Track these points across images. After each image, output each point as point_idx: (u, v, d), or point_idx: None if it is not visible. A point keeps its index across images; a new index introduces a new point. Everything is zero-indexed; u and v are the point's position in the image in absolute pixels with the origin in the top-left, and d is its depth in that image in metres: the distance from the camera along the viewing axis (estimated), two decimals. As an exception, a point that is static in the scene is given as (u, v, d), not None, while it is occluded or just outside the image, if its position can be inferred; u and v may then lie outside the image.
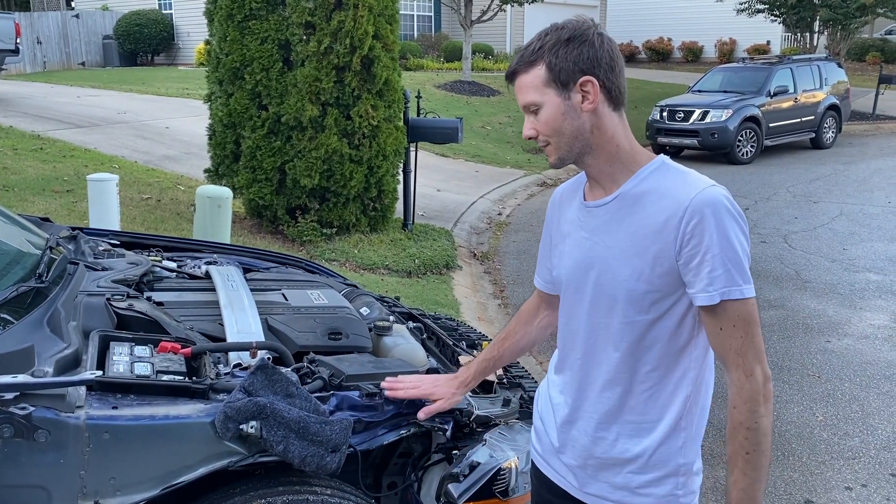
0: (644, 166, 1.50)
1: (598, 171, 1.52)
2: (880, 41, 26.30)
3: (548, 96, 1.47)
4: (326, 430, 1.71)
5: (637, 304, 1.46)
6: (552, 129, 1.48)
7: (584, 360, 1.57)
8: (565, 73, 1.45)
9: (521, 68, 1.49)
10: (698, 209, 1.38)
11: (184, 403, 1.71)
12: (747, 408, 1.39)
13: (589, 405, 1.57)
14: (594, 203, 1.54)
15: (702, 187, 1.41)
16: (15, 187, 7.24)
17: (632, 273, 1.45)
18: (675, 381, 1.49)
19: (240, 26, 6.70)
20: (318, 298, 2.50)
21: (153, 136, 10.88)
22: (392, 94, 6.94)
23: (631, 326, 1.47)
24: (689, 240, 1.39)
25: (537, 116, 1.49)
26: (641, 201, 1.47)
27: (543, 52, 1.46)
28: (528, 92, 1.48)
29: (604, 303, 1.50)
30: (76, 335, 1.87)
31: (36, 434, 1.54)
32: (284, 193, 6.88)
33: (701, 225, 1.38)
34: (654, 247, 1.43)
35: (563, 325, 1.64)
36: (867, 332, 5.35)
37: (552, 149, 1.51)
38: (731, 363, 1.41)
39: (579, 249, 1.56)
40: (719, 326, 1.41)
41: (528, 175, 11.46)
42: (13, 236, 2.46)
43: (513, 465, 1.94)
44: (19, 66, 18.17)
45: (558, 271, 1.63)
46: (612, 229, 1.50)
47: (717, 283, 1.38)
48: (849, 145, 14.38)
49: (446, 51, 21.57)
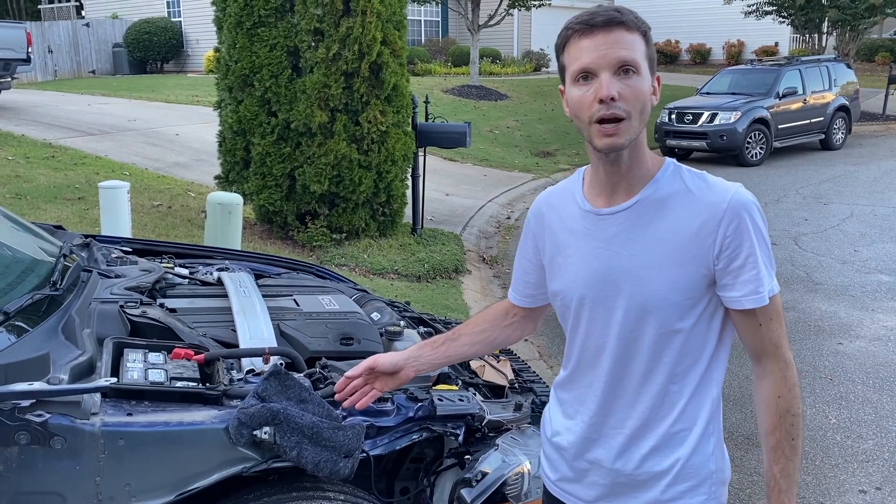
0: (660, 170, 1.43)
1: (627, 171, 1.41)
2: (889, 41, 26.17)
3: (646, 69, 1.35)
4: (339, 436, 1.71)
5: (672, 313, 1.39)
6: (641, 102, 1.34)
7: (611, 376, 1.47)
8: (652, 61, 1.38)
9: (625, 25, 1.34)
10: (737, 212, 1.35)
11: (197, 410, 1.72)
12: (792, 395, 1.40)
13: (615, 422, 1.48)
14: (608, 210, 1.44)
15: (733, 189, 1.38)
16: (27, 195, 7.30)
17: (666, 281, 1.38)
18: (705, 384, 1.45)
19: (249, 33, 6.74)
20: (329, 304, 2.51)
21: (163, 143, 10.94)
22: (400, 99, 6.96)
23: (666, 336, 1.41)
24: (730, 243, 1.35)
25: (629, 80, 1.32)
26: (667, 206, 1.40)
27: (645, 27, 1.37)
28: (633, 50, 1.33)
29: (634, 315, 1.41)
30: (90, 342, 1.89)
31: (52, 441, 1.56)
32: (294, 199, 6.90)
33: (740, 228, 1.34)
34: (689, 252, 1.37)
35: (578, 343, 1.51)
36: (880, 334, 5.32)
37: (626, 126, 1.34)
38: (770, 355, 1.41)
39: (596, 260, 1.45)
40: (759, 323, 1.39)
41: (536, 179, 11.46)
42: (27, 244, 2.48)
43: (525, 469, 1.94)
44: (31, 74, 18.33)
45: (561, 286, 1.52)
46: (635, 237, 1.41)
47: (764, 285, 1.36)
48: (859, 146, 14.31)
49: (454, 55, 21.61)
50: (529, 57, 23.02)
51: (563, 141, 14.45)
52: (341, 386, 1.69)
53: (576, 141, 14.54)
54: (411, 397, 1.96)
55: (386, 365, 1.66)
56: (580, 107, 1.36)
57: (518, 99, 17.34)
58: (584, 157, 13.34)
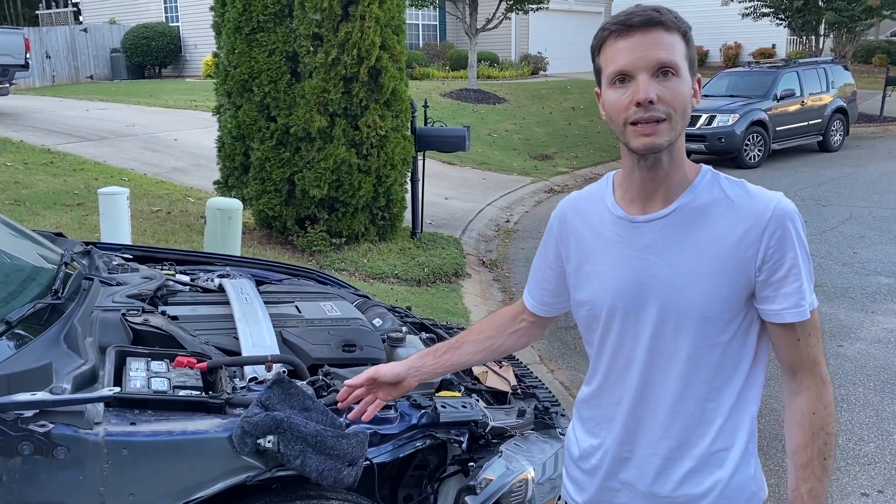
0: (698, 176, 1.38)
1: (665, 176, 1.35)
2: (886, 43, 26.23)
3: (683, 69, 1.30)
4: (343, 444, 1.71)
5: (711, 326, 1.33)
6: (682, 104, 1.30)
7: (642, 392, 1.40)
8: (694, 60, 1.33)
9: (664, 25, 1.28)
10: (781, 221, 1.30)
11: (201, 419, 1.72)
12: (827, 413, 1.35)
13: (648, 442, 1.41)
14: (644, 217, 1.37)
15: (777, 198, 1.33)
16: (26, 201, 7.29)
17: (706, 293, 1.32)
18: (742, 401, 1.39)
19: (247, 39, 6.74)
20: (331, 310, 2.51)
21: (162, 148, 10.94)
22: (399, 103, 6.97)
23: (704, 350, 1.35)
24: (773, 253, 1.30)
25: (668, 82, 1.28)
26: (707, 214, 1.34)
27: (685, 27, 1.31)
28: (672, 51, 1.28)
29: (670, 328, 1.35)
30: (93, 351, 1.89)
31: (55, 451, 1.55)
32: (293, 204, 6.90)
33: (784, 238, 1.30)
34: (730, 262, 1.31)
35: (606, 357, 1.45)
36: (880, 336, 5.32)
37: (667, 128, 1.29)
38: (807, 371, 1.36)
39: (628, 270, 1.38)
40: (797, 338, 1.34)
41: (535, 182, 11.46)
42: (28, 252, 2.48)
43: (529, 476, 1.94)
44: (29, 80, 18.31)
45: (589, 295, 1.44)
46: (672, 246, 1.35)
47: (806, 298, 1.32)
48: (857, 148, 14.33)
49: (451, 59, 21.63)
50: (527, 60, 23.04)
51: (561, 144, 14.46)
52: (344, 395, 1.67)
53: (574, 144, 14.55)
54: (414, 404, 1.96)
55: (388, 375, 1.64)
56: (616, 109, 1.31)
57: (516, 102, 17.36)
58: (582, 161, 13.39)
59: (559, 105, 17.67)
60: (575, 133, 15.41)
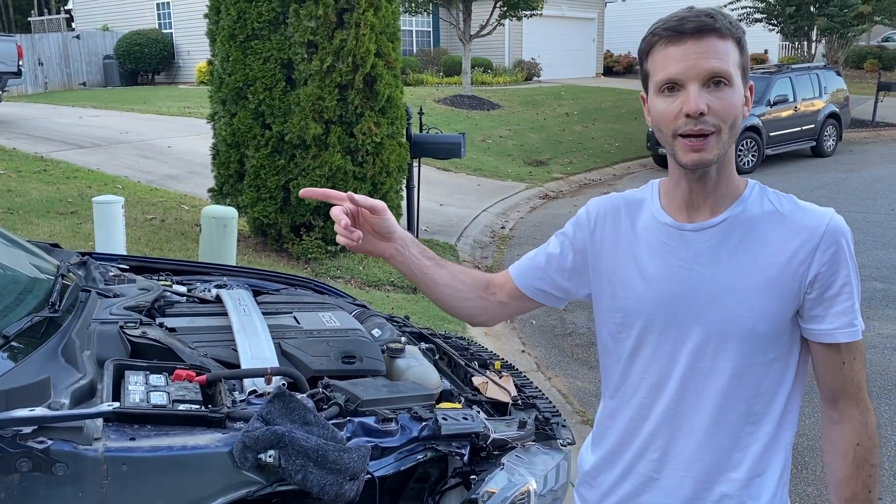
0: (746, 188, 1.33)
1: (713, 188, 1.30)
2: (877, 48, 26.42)
3: (738, 79, 1.24)
4: (345, 458, 1.69)
5: (756, 345, 1.27)
6: (733, 115, 1.23)
7: (676, 410, 1.34)
8: (748, 67, 1.27)
9: (718, 32, 1.22)
10: (835, 238, 1.25)
11: (201, 433, 1.70)
12: (871, 443, 1.29)
13: (679, 464, 1.35)
14: (693, 226, 1.32)
15: (829, 213, 1.28)
16: (20, 209, 7.25)
17: (755, 309, 1.26)
18: (780, 427, 1.33)
19: (242, 46, 6.73)
20: (329, 321, 2.49)
21: (156, 155, 10.91)
22: (395, 110, 6.97)
23: (746, 370, 1.29)
24: (826, 270, 1.25)
25: (720, 93, 1.22)
26: (757, 227, 1.28)
27: (739, 33, 1.25)
28: (725, 60, 1.22)
29: (713, 343, 1.29)
30: (91, 365, 1.87)
31: (54, 468, 1.53)
32: (289, 211, 6.89)
33: (837, 255, 1.25)
34: (781, 278, 1.26)
35: (637, 370, 1.38)
36: (875, 342, 5.34)
37: (715, 141, 1.23)
38: (851, 398, 1.30)
39: (672, 281, 1.31)
40: (842, 360, 1.28)
41: (529, 188, 11.47)
42: (24, 264, 2.46)
43: (531, 488, 1.93)
44: (21, 87, 18.23)
45: (625, 302, 1.37)
46: (720, 258, 1.29)
47: (858, 318, 1.27)
48: (849, 153, 14.40)
49: (445, 65, 21.66)
50: (521, 66, 23.10)
51: (555, 150, 14.49)
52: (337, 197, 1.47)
53: (568, 150, 14.58)
54: (415, 417, 1.94)
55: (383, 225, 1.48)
56: (664, 119, 1.26)
57: (510, 108, 17.39)
58: (576, 166, 13.40)
59: (553, 111, 17.71)
60: (569, 139, 15.45)
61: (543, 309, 6.25)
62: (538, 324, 5.98)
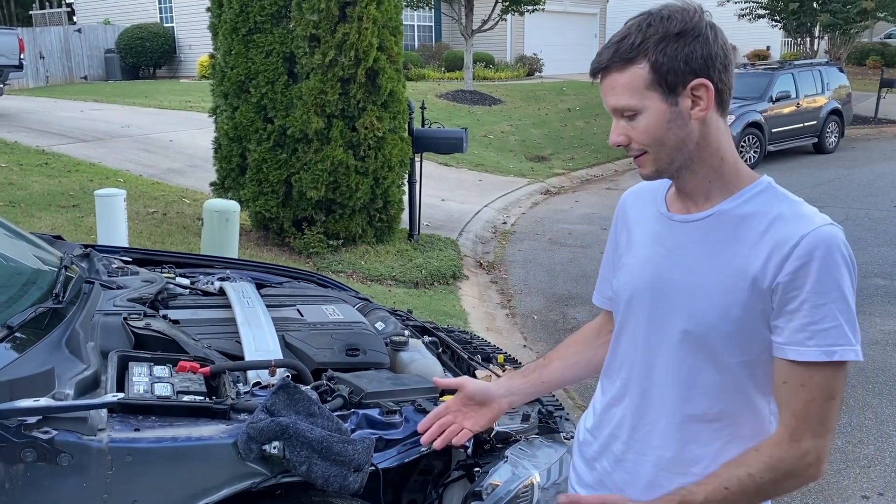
0: (748, 186, 1.29)
1: (694, 188, 1.31)
2: (880, 45, 26.35)
3: (650, 101, 1.23)
4: (349, 450, 1.69)
5: (719, 344, 1.26)
6: (653, 138, 1.25)
7: (642, 396, 1.36)
8: (674, 75, 1.21)
9: (614, 65, 1.24)
10: (807, 250, 1.18)
11: (205, 424, 1.70)
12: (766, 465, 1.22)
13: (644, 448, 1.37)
14: (681, 217, 1.33)
15: (818, 224, 1.21)
16: (21, 203, 7.25)
17: (717, 308, 1.25)
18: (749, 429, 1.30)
19: (244, 40, 6.72)
20: (333, 314, 2.49)
21: (157, 149, 10.90)
22: (397, 105, 6.96)
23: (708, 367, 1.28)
24: (787, 282, 1.19)
25: (633, 122, 1.25)
26: (743, 226, 1.26)
27: (647, 49, 1.21)
28: (624, 94, 1.24)
29: (680, 336, 1.30)
30: (95, 356, 1.87)
31: (59, 458, 1.53)
32: (291, 206, 6.88)
33: (806, 268, 1.18)
34: (749, 282, 1.23)
35: (620, 351, 1.43)
36: (877, 339, 5.33)
37: (648, 159, 1.28)
38: (785, 422, 1.23)
39: (654, 268, 1.34)
40: (784, 380, 1.22)
41: (531, 183, 11.46)
42: (28, 256, 2.46)
43: (535, 481, 1.93)
44: (22, 81, 18.24)
45: (616, 285, 1.42)
46: (698, 252, 1.29)
47: (818, 340, 1.18)
48: (851, 150, 14.38)
49: (447, 60, 21.62)
50: (523, 61, 23.05)
51: (557, 145, 14.47)
52: (426, 425, 1.51)
53: (570, 145, 14.56)
54: (419, 409, 1.94)
55: (478, 392, 1.50)
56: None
57: (512, 103, 17.36)
58: (578, 162, 13.39)
59: (555, 106, 17.68)
60: (571, 134, 15.42)
61: (545, 304, 6.29)
62: (540, 319, 5.98)
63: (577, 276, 7.00)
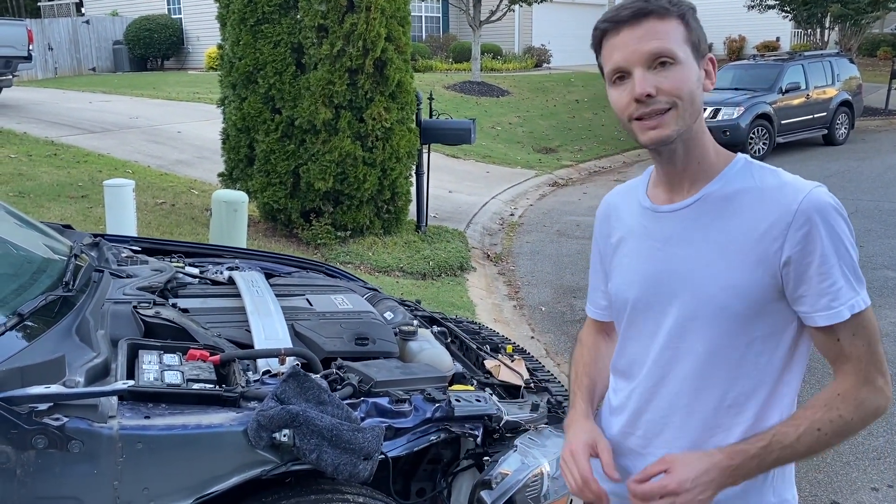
0: (728, 165, 1.30)
1: (683, 168, 1.30)
2: (892, 36, 26.12)
3: (687, 55, 1.23)
4: (359, 438, 1.70)
5: (731, 324, 1.25)
6: (686, 90, 1.22)
7: (657, 389, 1.35)
8: (701, 43, 1.26)
9: (655, 13, 1.22)
10: (808, 216, 1.20)
11: (215, 412, 1.70)
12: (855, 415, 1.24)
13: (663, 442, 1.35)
14: (667, 207, 1.33)
15: (807, 189, 1.23)
16: (31, 193, 7.27)
17: (726, 287, 1.24)
18: (766, 412, 1.29)
19: (252, 30, 6.71)
20: (342, 303, 2.49)
21: (165, 140, 10.92)
22: (405, 96, 6.94)
23: (722, 350, 1.27)
24: (800, 251, 1.20)
25: (667, 72, 1.22)
26: (733, 204, 1.27)
27: (683, 11, 1.25)
28: (667, 39, 1.22)
29: (687, 325, 1.29)
30: (105, 344, 1.87)
31: (70, 445, 1.54)
32: (298, 197, 6.88)
33: (811, 234, 1.20)
34: (751, 256, 1.23)
35: (629, 350, 1.41)
36: (887, 330, 5.30)
37: (673, 116, 1.23)
38: (851, 371, 1.26)
39: (650, 262, 1.34)
40: (836, 338, 1.24)
41: (539, 175, 11.43)
42: (38, 244, 2.46)
43: (544, 471, 1.92)
44: (31, 72, 18.29)
45: (613, 287, 1.42)
46: (692, 238, 1.29)
47: (840, 298, 1.21)
48: (862, 141, 14.27)
49: (455, 51, 21.55)
50: (531, 52, 22.96)
51: (565, 137, 14.42)
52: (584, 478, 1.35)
53: (578, 137, 14.51)
54: (428, 398, 1.94)
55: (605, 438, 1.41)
56: (618, 108, 1.28)
57: (520, 95, 17.30)
58: (586, 154, 13.34)
59: (563, 98, 17.62)
60: (579, 126, 15.37)
61: (553, 295, 6.27)
62: (548, 310, 5.97)
63: (585, 268, 6.96)
